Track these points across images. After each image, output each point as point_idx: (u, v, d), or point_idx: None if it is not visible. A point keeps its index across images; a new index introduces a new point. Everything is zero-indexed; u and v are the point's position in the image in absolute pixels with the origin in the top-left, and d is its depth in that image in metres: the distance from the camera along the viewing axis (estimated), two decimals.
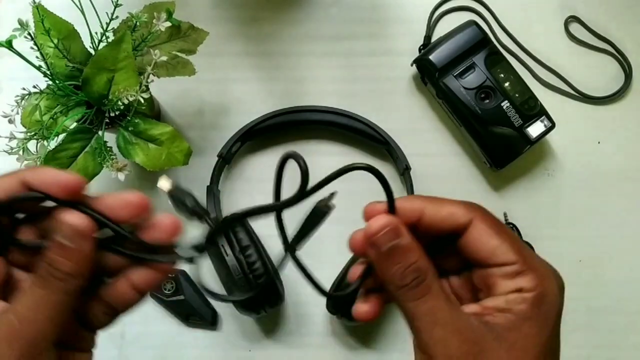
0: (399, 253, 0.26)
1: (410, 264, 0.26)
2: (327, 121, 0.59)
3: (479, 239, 0.27)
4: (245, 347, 0.56)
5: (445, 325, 0.25)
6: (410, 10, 0.64)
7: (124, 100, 0.45)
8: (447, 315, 0.26)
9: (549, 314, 0.27)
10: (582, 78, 0.62)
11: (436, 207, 0.28)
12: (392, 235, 0.26)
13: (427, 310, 0.26)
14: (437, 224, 0.28)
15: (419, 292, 0.26)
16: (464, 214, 0.27)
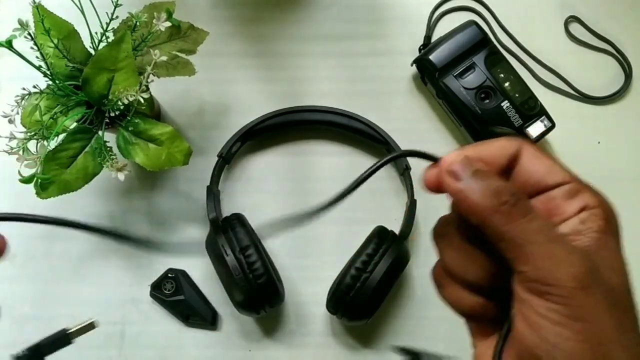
0: (486, 175, 0.25)
1: (500, 184, 0.24)
2: (327, 121, 0.59)
3: (532, 162, 0.26)
4: (245, 347, 0.56)
5: (561, 244, 0.23)
6: (410, 10, 0.64)
7: (124, 100, 0.45)
8: (558, 235, 0.24)
9: (618, 227, 0.26)
10: (582, 78, 0.62)
11: (484, 147, 0.27)
12: (470, 162, 0.25)
13: (537, 229, 0.23)
14: (492, 159, 0.26)
15: (522, 211, 0.24)
16: (511, 145, 0.26)
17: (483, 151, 0.27)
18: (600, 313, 0.22)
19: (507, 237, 0.24)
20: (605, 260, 0.24)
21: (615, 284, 0.24)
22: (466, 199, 0.25)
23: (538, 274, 0.23)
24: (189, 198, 0.59)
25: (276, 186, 0.59)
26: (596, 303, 0.22)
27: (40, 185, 0.46)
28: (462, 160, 0.25)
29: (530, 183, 0.26)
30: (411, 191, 0.55)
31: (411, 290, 0.56)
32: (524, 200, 0.24)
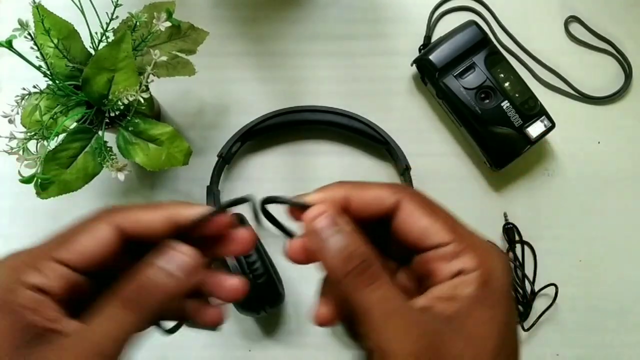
0: (340, 237, 0.24)
1: (354, 248, 0.24)
2: (327, 121, 0.59)
3: (408, 220, 0.25)
4: (245, 347, 0.56)
5: (400, 316, 0.22)
6: (410, 10, 0.64)
7: (124, 100, 0.45)
8: (400, 305, 0.23)
9: (498, 293, 0.23)
10: (582, 78, 0.62)
11: (361, 192, 0.26)
12: (330, 220, 0.24)
13: (378, 300, 0.23)
14: (365, 209, 0.26)
15: (367, 279, 0.23)
16: (389, 196, 0.25)
17: (359, 197, 0.26)
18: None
19: (352, 301, 0.23)
20: (462, 333, 0.22)
21: (465, 355, 0.22)
22: (323, 261, 0.24)
23: (378, 345, 0.22)
24: (189, 198, 0.59)
25: (276, 186, 0.59)
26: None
27: (40, 185, 0.46)
28: (324, 217, 0.25)
29: (408, 240, 0.25)
30: None
31: None
32: (373, 267, 0.24)
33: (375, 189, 0.26)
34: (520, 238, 0.57)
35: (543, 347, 0.56)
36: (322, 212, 0.25)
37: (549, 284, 0.56)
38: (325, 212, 0.25)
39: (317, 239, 0.25)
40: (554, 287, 0.56)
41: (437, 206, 0.26)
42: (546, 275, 0.57)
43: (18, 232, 0.59)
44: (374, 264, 0.24)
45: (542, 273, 0.57)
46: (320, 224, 0.25)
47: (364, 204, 0.26)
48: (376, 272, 0.23)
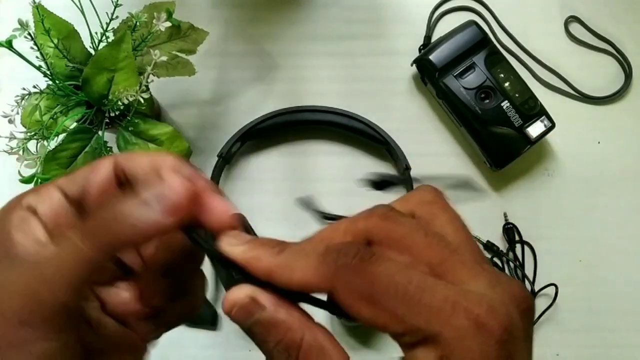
0: (260, 330, 0.21)
1: (277, 341, 0.21)
2: (327, 121, 0.59)
3: (349, 309, 0.21)
4: (245, 347, 0.56)
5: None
6: (410, 10, 0.64)
7: (124, 100, 0.45)
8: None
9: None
10: (582, 78, 0.62)
11: (286, 274, 0.21)
12: (244, 313, 0.22)
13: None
14: (296, 288, 0.22)
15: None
16: (320, 283, 0.21)
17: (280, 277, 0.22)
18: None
19: None
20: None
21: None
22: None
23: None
24: None
25: (276, 186, 0.59)
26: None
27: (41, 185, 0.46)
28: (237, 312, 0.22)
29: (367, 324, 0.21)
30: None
31: None
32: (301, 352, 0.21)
33: (301, 271, 0.21)
34: (520, 238, 0.57)
35: (543, 347, 0.56)
36: (233, 302, 0.22)
37: (549, 284, 0.56)
38: (236, 302, 0.22)
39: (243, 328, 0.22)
40: (554, 287, 0.56)
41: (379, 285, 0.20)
42: (546, 275, 0.57)
43: None
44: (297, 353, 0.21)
45: (542, 273, 0.57)
46: (236, 317, 0.22)
47: (294, 286, 0.21)
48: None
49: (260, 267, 0.22)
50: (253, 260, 0.23)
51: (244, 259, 0.23)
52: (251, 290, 0.22)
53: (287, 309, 0.22)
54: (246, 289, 0.22)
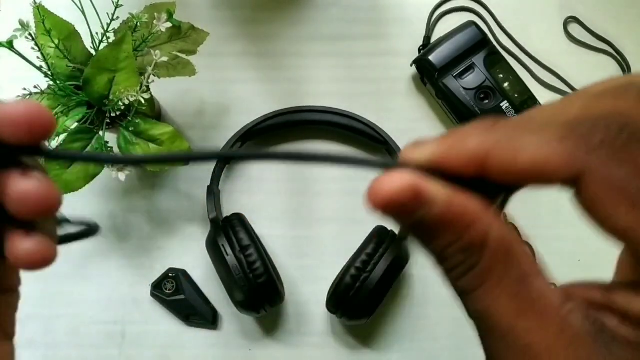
0: (428, 228, 0.17)
1: (449, 243, 0.16)
2: (327, 121, 0.59)
3: (600, 209, 0.16)
4: (245, 346, 0.56)
5: (509, 338, 0.16)
6: (410, 11, 0.64)
7: (124, 100, 0.46)
8: (514, 321, 0.16)
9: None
10: (581, 78, 0.62)
11: (510, 152, 0.16)
12: (409, 206, 0.16)
13: (481, 312, 0.17)
14: (518, 176, 0.17)
15: (468, 283, 0.17)
16: (561, 166, 0.16)
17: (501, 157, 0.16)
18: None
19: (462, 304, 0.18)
20: None
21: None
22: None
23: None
24: (189, 198, 0.59)
25: (276, 186, 0.59)
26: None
27: None
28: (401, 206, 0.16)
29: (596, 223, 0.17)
30: None
31: (411, 290, 0.56)
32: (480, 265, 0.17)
33: (535, 146, 0.16)
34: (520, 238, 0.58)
35: None
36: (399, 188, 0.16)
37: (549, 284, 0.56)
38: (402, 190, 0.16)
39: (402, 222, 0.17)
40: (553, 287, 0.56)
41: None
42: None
43: None
44: (481, 258, 0.16)
45: None
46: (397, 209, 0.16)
47: (517, 170, 0.16)
48: (483, 272, 0.16)
49: (468, 151, 0.16)
50: (458, 144, 0.17)
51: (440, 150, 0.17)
52: (413, 179, 0.16)
53: (465, 199, 0.16)
54: (405, 176, 0.16)
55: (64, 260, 0.62)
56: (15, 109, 0.17)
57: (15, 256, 0.18)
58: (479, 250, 0.16)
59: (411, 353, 0.55)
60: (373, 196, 0.16)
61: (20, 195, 0.17)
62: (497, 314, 0.16)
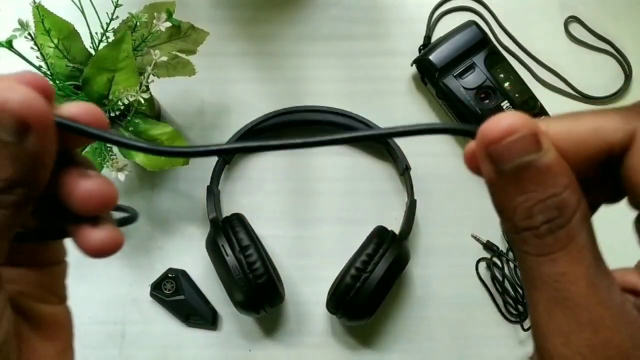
0: (532, 176, 0.16)
1: (548, 196, 0.16)
2: (327, 121, 0.59)
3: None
4: (245, 347, 0.56)
5: (581, 308, 0.16)
6: (410, 10, 0.64)
7: (124, 100, 0.45)
8: (586, 291, 0.16)
9: None
10: (582, 78, 0.62)
11: (570, 124, 0.17)
12: (526, 145, 0.16)
13: (555, 277, 0.16)
14: (576, 148, 0.17)
15: (550, 244, 0.16)
16: (617, 128, 0.17)
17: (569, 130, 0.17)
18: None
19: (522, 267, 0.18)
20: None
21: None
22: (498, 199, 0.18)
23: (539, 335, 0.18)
24: (189, 198, 0.59)
25: (276, 186, 0.59)
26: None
27: None
28: (517, 140, 0.16)
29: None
30: (411, 191, 0.55)
31: (411, 290, 0.56)
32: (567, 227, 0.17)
33: (593, 118, 0.17)
34: None
35: None
36: (516, 126, 0.16)
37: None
38: (521, 129, 0.16)
39: (497, 167, 0.17)
40: None
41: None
42: None
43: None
44: (570, 220, 0.17)
45: None
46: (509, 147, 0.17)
47: (576, 140, 0.17)
48: (568, 235, 0.17)
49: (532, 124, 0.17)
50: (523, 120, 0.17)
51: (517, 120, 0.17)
52: (534, 122, 0.17)
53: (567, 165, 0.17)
54: (527, 117, 0.17)
55: None
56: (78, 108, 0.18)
57: (90, 247, 0.20)
58: (572, 211, 0.17)
59: (411, 353, 0.55)
60: (489, 130, 0.17)
61: (85, 196, 0.18)
62: (573, 281, 0.16)
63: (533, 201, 0.17)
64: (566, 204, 0.17)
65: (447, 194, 0.58)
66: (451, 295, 0.56)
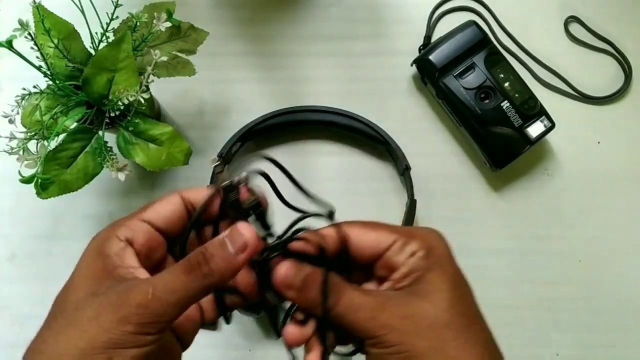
0: (308, 282, 0.29)
1: (320, 283, 0.29)
2: (327, 121, 0.59)
3: (360, 240, 0.30)
4: (245, 347, 0.56)
5: (372, 304, 0.28)
6: (410, 10, 0.64)
7: (124, 100, 0.45)
8: (367, 297, 0.28)
9: (441, 258, 0.30)
10: (582, 78, 0.62)
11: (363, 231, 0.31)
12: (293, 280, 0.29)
13: (349, 302, 0.28)
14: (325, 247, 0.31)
15: (336, 294, 0.28)
16: (335, 232, 0.31)
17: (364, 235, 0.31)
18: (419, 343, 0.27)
19: (338, 318, 0.28)
20: (422, 293, 0.28)
21: (429, 312, 0.27)
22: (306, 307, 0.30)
23: (368, 332, 0.28)
24: None
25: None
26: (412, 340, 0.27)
27: (41, 185, 0.46)
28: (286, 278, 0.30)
29: (367, 254, 0.30)
30: (411, 191, 0.55)
31: None
32: (338, 285, 0.29)
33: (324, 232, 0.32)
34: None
35: (543, 347, 0.56)
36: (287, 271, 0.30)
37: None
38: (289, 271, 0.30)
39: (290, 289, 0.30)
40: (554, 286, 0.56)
41: (373, 223, 0.31)
42: (546, 275, 0.57)
43: (18, 232, 0.59)
44: (336, 283, 0.29)
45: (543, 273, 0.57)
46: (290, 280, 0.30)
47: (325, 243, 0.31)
48: (340, 287, 0.29)
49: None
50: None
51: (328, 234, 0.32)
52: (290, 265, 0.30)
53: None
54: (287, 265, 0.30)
55: (63, 261, 0.62)
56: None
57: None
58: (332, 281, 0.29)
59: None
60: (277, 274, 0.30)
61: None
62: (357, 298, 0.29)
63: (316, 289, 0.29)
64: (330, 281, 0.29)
65: (447, 194, 0.58)
66: None
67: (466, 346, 0.27)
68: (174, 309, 0.26)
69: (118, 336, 0.25)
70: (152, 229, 0.30)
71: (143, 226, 0.30)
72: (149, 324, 0.25)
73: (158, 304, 0.25)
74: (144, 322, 0.25)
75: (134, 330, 0.25)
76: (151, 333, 0.25)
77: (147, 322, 0.25)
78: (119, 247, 0.28)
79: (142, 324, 0.25)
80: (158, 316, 0.25)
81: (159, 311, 0.25)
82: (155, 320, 0.25)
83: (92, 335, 0.25)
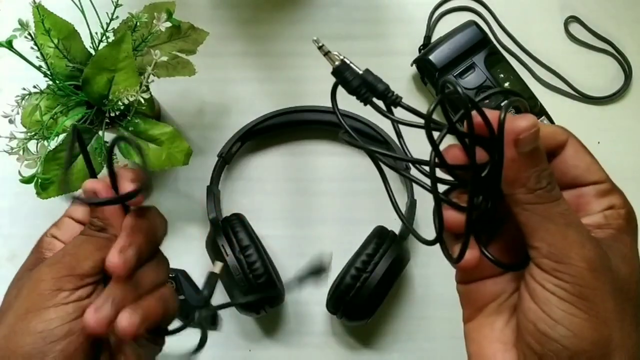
0: (538, 156, 0.26)
1: (545, 169, 0.26)
2: (327, 121, 0.59)
3: (575, 157, 0.28)
4: (245, 347, 0.56)
5: (578, 227, 0.26)
6: (410, 10, 0.64)
7: (124, 100, 0.45)
8: (578, 220, 0.26)
9: (637, 228, 0.28)
10: (582, 78, 0.62)
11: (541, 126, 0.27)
12: (536, 136, 0.25)
13: (561, 212, 0.26)
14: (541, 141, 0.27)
15: (553, 196, 0.26)
16: (562, 132, 0.28)
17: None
18: (605, 296, 0.24)
19: (534, 214, 0.26)
20: (617, 252, 0.26)
21: (623, 274, 0.26)
22: (513, 173, 0.26)
23: (551, 250, 0.25)
24: (189, 198, 0.59)
25: (276, 186, 0.59)
26: (603, 286, 0.24)
27: (41, 185, 0.46)
28: (533, 133, 0.25)
29: (568, 175, 0.28)
30: (411, 191, 0.55)
31: (411, 290, 0.56)
32: (557, 188, 0.26)
33: (550, 126, 0.29)
34: None
35: None
36: (534, 124, 0.25)
37: None
38: (535, 126, 0.25)
39: (517, 148, 0.26)
40: None
41: (589, 151, 0.29)
42: None
43: (18, 232, 0.59)
44: (556, 185, 0.26)
45: None
46: (529, 137, 0.25)
47: (543, 136, 0.26)
48: (559, 191, 0.26)
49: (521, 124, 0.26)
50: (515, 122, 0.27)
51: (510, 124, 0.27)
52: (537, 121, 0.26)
53: None
54: (537, 120, 0.26)
55: None
56: None
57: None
58: (554, 180, 0.26)
59: (411, 353, 0.55)
60: (518, 125, 0.26)
61: None
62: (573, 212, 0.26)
63: (539, 171, 0.26)
64: (553, 175, 0.26)
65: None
66: (451, 295, 0.56)
67: (633, 335, 0.25)
68: (85, 261, 0.29)
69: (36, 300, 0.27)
70: (77, 224, 0.34)
71: (69, 223, 0.34)
72: (64, 278, 0.28)
73: (69, 258, 0.29)
74: (59, 276, 0.28)
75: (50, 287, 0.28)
76: (67, 289, 0.28)
77: (62, 275, 0.28)
78: (48, 242, 0.33)
79: (57, 279, 0.28)
80: (71, 269, 0.28)
81: (73, 264, 0.29)
82: (71, 270, 0.28)
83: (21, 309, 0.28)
